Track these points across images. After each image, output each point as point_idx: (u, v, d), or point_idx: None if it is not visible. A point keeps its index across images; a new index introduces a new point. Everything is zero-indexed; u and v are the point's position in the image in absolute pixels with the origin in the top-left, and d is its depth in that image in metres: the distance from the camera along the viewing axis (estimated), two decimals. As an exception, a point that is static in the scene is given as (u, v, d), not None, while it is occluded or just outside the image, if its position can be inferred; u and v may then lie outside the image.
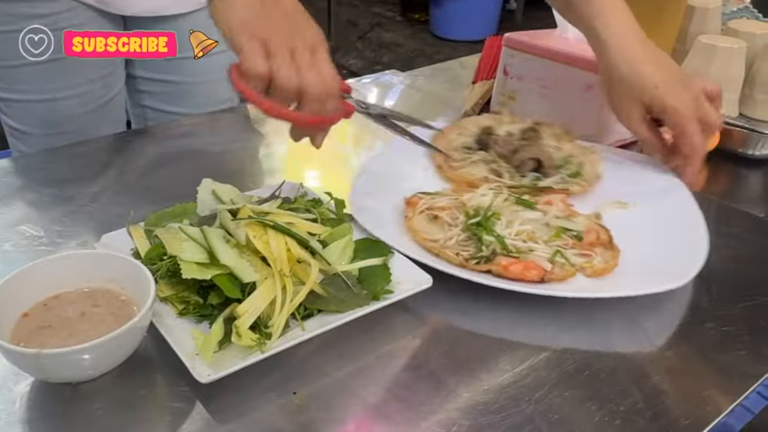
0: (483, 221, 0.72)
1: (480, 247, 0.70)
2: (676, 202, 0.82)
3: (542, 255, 0.70)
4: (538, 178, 0.85)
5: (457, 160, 0.88)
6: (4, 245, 0.74)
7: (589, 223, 0.76)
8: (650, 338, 0.64)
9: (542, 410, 0.55)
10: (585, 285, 0.69)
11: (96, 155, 0.96)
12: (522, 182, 0.84)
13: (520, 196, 0.79)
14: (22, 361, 0.53)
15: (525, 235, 0.72)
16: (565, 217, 0.77)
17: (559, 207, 0.79)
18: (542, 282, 0.68)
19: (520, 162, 0.86)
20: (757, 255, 0.78)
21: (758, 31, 1.09)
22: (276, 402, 0.55)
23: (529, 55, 1.01)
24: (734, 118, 1.02)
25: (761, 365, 0.61)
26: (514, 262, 0.68)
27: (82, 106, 1.06)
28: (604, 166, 0.89)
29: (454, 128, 0.95)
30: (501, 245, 0.70)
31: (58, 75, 1.02)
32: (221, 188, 0.73)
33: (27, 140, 1.07)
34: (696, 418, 0.55)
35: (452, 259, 0.69)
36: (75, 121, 1.06)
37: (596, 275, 0.70)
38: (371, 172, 0.84)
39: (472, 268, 0.68)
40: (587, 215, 0.78)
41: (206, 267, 0.59)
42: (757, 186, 0.97)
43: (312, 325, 0.59)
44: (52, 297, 0.60)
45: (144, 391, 0.56)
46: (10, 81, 1.02)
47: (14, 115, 1.05)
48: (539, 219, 0.75)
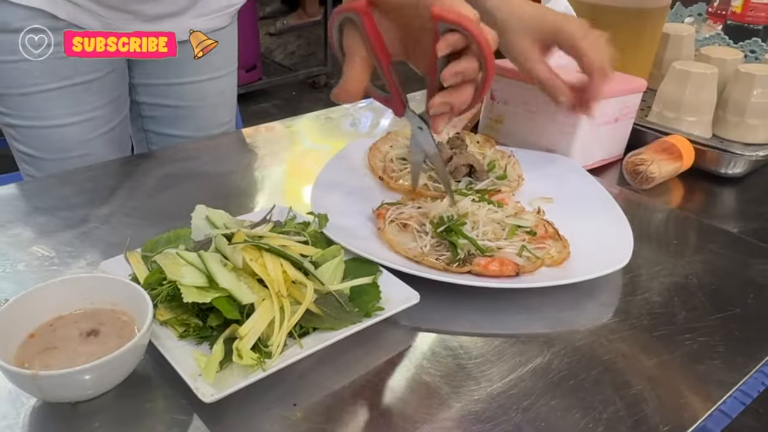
0: (453, 226, 0.75)
1: (456, 251, 0.73)
2: (590, 189, 0.90)
3: (511, 251, 0.74)
4: (471, 183, 0.90)
5: (395, 170, 0.91)
6: (18, 265, 0.74)
7: (536, 219, 0.81)
8: (631, 349, 0.65)
9: (530, 418, 0.56)
10: (552, 274, 0.73)
11: (104, 179, 0.97)
12: (458, 187, 0.88)
13: (482, 197, 0.84)
14: (21, 382, 0.53)
15: (491, 234, 0.76)
16: (514, 215, 0.81)
17: (511, 206, 0.84)
18: (517, 275, 0.71)
19: (454, 168, 0.90)
20: (730, 269, 0.80)
21: (729, 57, 1.13)
22: (278, 414, 0.56)
23: (514, 81, 1.03)
24: (708, 139, 1.04)
25: (736, 373, 0.63)
26: (490, 260, 0.72)
27: (91, 131, 1.07)
28: (522, 167, 0.95)
29: (385, 141, 0.98)
30: (475, 247, 0.73)
31: (67, 101, 1.02)
32: (214, 213, 0.73)
33: (38, 165, 1.07)
34: (675, 424, 0.56)
35: (435, 264, 0.71)
36: (84, 145, 1.07)
37: (555, 264, 0.75)
38: (325, 188, 0.86)
39: (454, 271, 0.71)
40: (532, 212, 0.84)
41: (206, 290, 0.60)
42: (730, 203, 0.98)
43: (309, 342, 0.60)
44: (57, 318, 0.60)
45: (143, 409, 0.56)
46: (21, 108, 1.02)
47: (25, 141, 1.05)
48: (495, 219, 0.79)
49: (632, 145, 1.05)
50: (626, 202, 0.95)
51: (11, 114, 1.03)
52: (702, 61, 1.14)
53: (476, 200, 0.82)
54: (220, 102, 1.25)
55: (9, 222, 0.83)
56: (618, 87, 1.00)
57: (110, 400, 0.57)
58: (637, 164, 0.98)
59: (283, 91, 4.15)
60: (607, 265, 0.73)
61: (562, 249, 0.77)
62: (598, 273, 0.72)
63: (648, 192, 0.99)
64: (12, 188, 0.92)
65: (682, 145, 1.00)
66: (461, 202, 0.81)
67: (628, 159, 1.00)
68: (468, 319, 0.69)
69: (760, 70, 1.05)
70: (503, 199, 0.86)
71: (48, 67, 0.99)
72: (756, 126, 1.06)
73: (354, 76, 0.69)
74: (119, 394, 0.57)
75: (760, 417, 1.73)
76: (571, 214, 0.83)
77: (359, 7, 0.65)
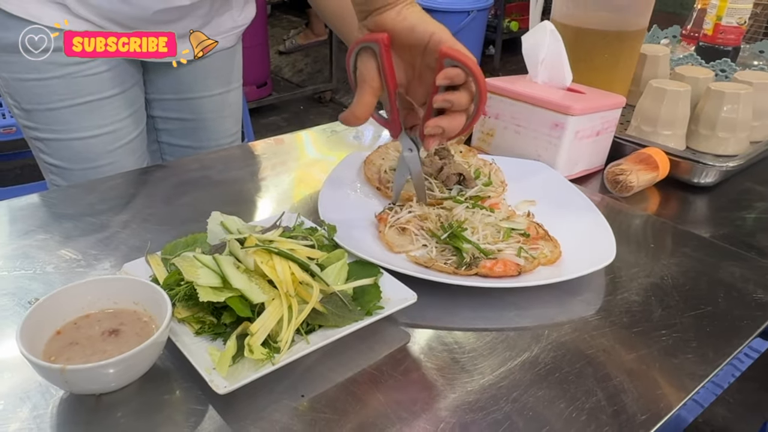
0: (456, 232, 0.76)
1: (461, 255, 0.73)
2: (569, 193, 0.91)
3: (510, 252, 0.74)
4: (462, 190, 0.90)
5: (390, 181, 0.91)
6: (47, 267, 0.74)
7: (527, 221, 0.81)
8: (611, 344, 0.66)
9: (519, 408, 0.57)
10: (548, 273, 0.73)
11: (124, 187, 0.97)
12: (451, 194, 0.88)
13: (474, 203, 0.84)
14: (49, 375, 0.54)
15: (489, 238, 0.77)
16: (507, 218, 0.81)
17: (504, 210, 0.84)
18: (519, 275, 0.72)
19: (446, 177, 0.90)
20: (703, 270, 0.80)
21: (701, 76, 1.14)
22: (287, 404, 0.56)
23: (505, 98, 1.04)
24: (682, 151, 1.05)
25: (708, 366, 0.63)
26: (495, 262, 0.72)
27: (112, 142, 1.07)
28: (507, 176, 0.95)
29: (377, 154, 0.98)
30: (479, 250, 0.74)
31: (91, 115, 1.03)
32: (228, 219, 0.74)
33: (63, 174, 1.07)
34: (652, 413, 0.57)
35: (445, 269, 0.72)
36: (106, 156, 1.07)
37: (550, 263, 0.75)
38: (330, 196, 0.86)
39: (463, 274, 0.71)
40: (523, 215, 0.84)
41: (220, 290, 0.60)
42: (702, 210, 0.98)
43: (315, 338, 0.60)
44: (83, 317, 0.60)
45: (162, 400, 0.57)
46: (48, 122, 1.02)
47: (52, 153, 1.05)
48: (491, 223, 0.79)
49: (613, 156, 1.06)
50: (607, 208, 0.95)
51: (39, 128, 1.04)
52: (676, 79, 1.15)
53: (469, 207, 0.82)
54: (228, 114, 1.26)
55: (38, 227, 0.83)
56: (600, 103, 1.00)
57: (132, 392, 0.57)
58: (617, 174, 0.99)
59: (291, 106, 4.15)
60: (596, 263, 0.74)
61: (554, 249, 0.77)
62: (590, 269, 0.73)
63: (627, 199, 0.99)
64: (40, 197, 0.93)
65: (658, 157, 1.00)
66: (456, 209, 0.81)
67: (609, 169, 1.00)
68: (462, 317, 0.69)
69: (730, 88, 1.06)
70: (496, 204, 0.87)
71: (73, 84, 0.99)
72: (726, 139, 1.06)
73: (364, 102, 0.71)
74: (140, 387, 0.57)
75: (731, 406, 1.73)
76: (557, 219, 0.83)
77: (382, 39, 0.68)
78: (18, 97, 1.01)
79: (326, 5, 0.98)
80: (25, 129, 1.05)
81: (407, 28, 0.68)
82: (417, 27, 0.68)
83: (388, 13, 0.68)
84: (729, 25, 1.37)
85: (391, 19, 0.68)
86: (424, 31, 0.68)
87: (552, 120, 0.98)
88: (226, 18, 1.11)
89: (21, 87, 1.00)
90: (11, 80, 1.00)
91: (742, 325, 0.70)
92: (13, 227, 0.84)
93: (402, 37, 0.69)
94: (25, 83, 0.99)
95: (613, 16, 1.11)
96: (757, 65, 1.49)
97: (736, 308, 0.73)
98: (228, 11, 1.10)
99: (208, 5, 1.04)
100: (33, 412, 0.55)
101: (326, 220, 0.77)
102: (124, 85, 1.05)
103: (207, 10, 1.04)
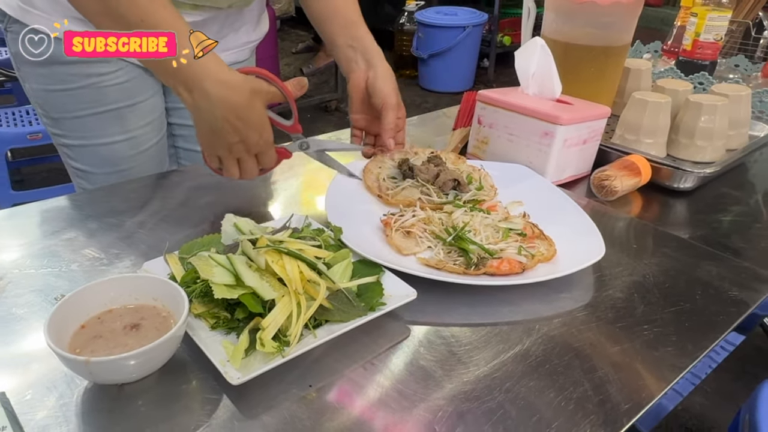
0: (461, 234, 0.76)
1: (468, 256, 0.73)
2: (553, 195, 0.91)
3: (512, 252, 0.74)
4: (457, 195, 0.90)
5: (390, 188, 0.91)
6: (72, 265, 0.75)
7: (523, 221, 0.81)
8: (597, 338, 0.66)
9: (511, 397, 0.57)
10: (546, 270, 0.73)
11: (144, 190, 0.97)
12: (448, 199, 0.88)
13: (473, 207, 0.84)
14: (75, 367, 0.54)
15: (490, 238, 0.77)
16: (504, 219, 0.81)
17: (500, 212, 0.84)
18: (523, 272, 0.72)
19: (442, 183, 0.90)
20: (682, 269, 0.80)
21: (680, 88, 1.14)
22: (296, 394, 0.56)
23: (498, 108, 1.04)
24: (663, 158, 1.04)
25: (687, 358, 0.63)
26: (501, 261, 0.72)
27: (135, 147, 1.06)
28: (497, 181, 0.96)
29: (374, 163, 0.97)
30: (485, 251, 0.74)
31: (115, 122, 1.02)
32: (241, 221, 0.74)
33: (89, 178, 1.07)
34: (635, 402, 0.57)
35: (455, 269, 0.72)
36: (128, 161, 1.06)
37: (546, 260, 0.75)
38: (338, 202, 0.86)
39: (472, 274, 0.71)
40: (518, 216, 0.84)
41: (233, 288, 0.60)
42: (682, 213, 0.99)
43: (322, 332, 0.61)
44: (106, 312, 0.60)
45: (180, 390, 0.57)
46: (74, 129, 1.02)
47: (78, 158, 1.05)
48: (490, 224, 0.79)
49: (598, 162, 1.06)
50: (593, 211, 0.95)
51: (66, 135, 1.03)
52: (658, 91, 1.15)
53: (468, 211, 0.82)
54: None
55: (64, 228, 0.83)
56: (586, 113, 1.00)
57: (151, 382, 0.57)
58: (602, 179, 0.99)
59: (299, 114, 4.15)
60: (588, 259, 0.74)
61: (549, 247, 0.77)
62: (585, 264, 0.73)
63: (612, 203, 0.99)
64: (66, 199, 0.93)
65: (640, 163, 1.00)
66: (456, 213, 0.81)
67: (594, 175, 1.01)
68: (458, 313, 0.69)
69: (707, 100, 1.06)
70: (493, 206, 0.87)
71: (97, 94, 0.99)
72: (704, 147, 1.06)
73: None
74: (159, 377, 0.58)
75: (707, 395, 1.73)
76: (547, 222, 0.83)
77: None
78: (47, 106, 1.01)
79: (313, 7, 0.98)
80: (54, 136, 1.05)
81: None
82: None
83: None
84: (706, 41, 1.38)
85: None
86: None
87: (542, 129, 0.98)
88: (242, 33, 1.11)
89: (49, 97, 1.00)
90: (40, 91, 0.99)
91: (718, 321, 0.70)
92: (41, 228, 0.84)
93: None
94: (52, 93, 0.99)
95: (599, 32, 1.11)
96: (732, 78, 1.49)
97: (712, 304, 0.73)
98: (243, 26, 1.10)
99: (219, 23, 1.03)
100: (59, 401, 0.55)
101: (332, 222, 0.77)
102: (145, 94, 1.05)
103: (219, 27, 1.04)
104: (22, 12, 0.93)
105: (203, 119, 0.75)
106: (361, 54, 0.93)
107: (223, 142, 0.77)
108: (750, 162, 1.21)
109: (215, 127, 0.75)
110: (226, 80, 0.73)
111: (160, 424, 0.53)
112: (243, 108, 0.74)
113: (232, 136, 0.76)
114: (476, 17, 4.21)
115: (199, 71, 0.72)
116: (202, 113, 0.74)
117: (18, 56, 0.98)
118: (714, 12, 1.34)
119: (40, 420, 0.53)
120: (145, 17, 0.69)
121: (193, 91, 0.73)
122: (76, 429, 0.52)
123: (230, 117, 0.74)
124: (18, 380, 0.57)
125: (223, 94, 0.73)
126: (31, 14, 0.93)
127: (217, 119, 0.74)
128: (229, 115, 0.74)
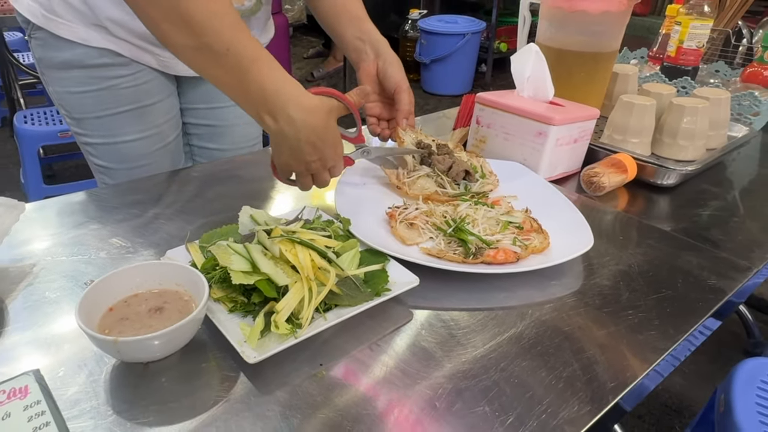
0: (460, 226, 0.76)
1: (466, 246, 0.73)
2: (546, 190, 0.91)
3: (507, 243, 0.74)
4: (467, 186, 0.90)
5: (408, 176, 0.90)
6: (100, 253, 0.75)
7: (524, 216, 0.81)
8: (585, 322, 0.66)
9: (506, 376, 0.57)
10: (539, 260, 0.74)
11: (165, 185, 0.97)
12: (460, 190, 0.88)
13: (478, 200, 0.84)
14: (104, 346, 0.54)
15: (488, 230, 0.77)
16: (507, 213, 0.81)
17: (504, 206, 0.84)
18: (518, 261, 0.72)
19: (455, 174, 0.90)
20: (664, 259, 0.80)
21: (665, 92, 1.13)
22: (307, 372, 0.57)
23: (495, 110, 1.04)
24: (648, 156, 1.04)
25: (668, 341, 0.63)
26: (498, 251, 0.72)
27: (153, 145, 1.06)
28: (489, 165, 0.95)
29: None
30: (482, 242, 0.74)
31: (134, 121, 1.02)
32: (257, 213, 0.74)
33: (111, 174, 1.07)
34: (620, 381, 0.57)
35: (455, 258, 0.72)
36: (147, 157, 1.06)
37: (539, 252, 0.75)
38: (346, 195, 0.86)
39: (470, 263, 0.71)
40: (521, 210, 0.83)
41: (250, 274, 0.61)
42: (665, 207, 0.98)
43: (331, 316, 0.61)
44: (132, 296, 0.60)
45: (200, 368, 0.57)
46: (96, 129, 1.02)
47: (100, 155, 1.05)
48: (491, 216, 0.79)
49: (588, 160, 1.06)
50: (583, 205, 0.95)
51: (88, 134, 1.03)
52: (643, 94, 1.14)
53: (472, 205, 0.82)
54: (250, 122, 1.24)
55: (91, 219, 0.84)
56: (577, 114, 1.00)
57: (174, 360, 0.58)
58: (591, 176, 0.99)
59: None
60: (578, 249, 0.74)
61: (543, 240, 0.77)
62: (575, 254, 0.74)
63: (600, 198, 0.99)
64: (91, 193, 0.93)
65: (627, 161, 1.00)
66: (461, 206, 0.82)
67: (584, 172, 1.00)
68: (458, 298, 0.69)
69: (689, 103, 1.05)
70: (497, 201, 0.87)
71: (117, 95, 0.99)
72: (686, 146, 1.06)
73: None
74: (181, 356, 0.58)
75: (686, 375, 1.74)
76: (540, 215, 0.83)
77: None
78: (69, 107, 1.01)
79: (321, 8, 0.98)
80: (77, 135, 1.05)
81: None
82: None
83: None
84: (689, 48, 1.37)
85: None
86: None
87: (536, 129, 0.98)
88: None
89: (71, 99, 0.99)
90: (63, 93, 0.99)
91: (697, 307, 0.70)
92: (70, 219, 0.84)
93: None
94: (74, 95, 0.99)
95: (590, 39, 1.11)
96: (713, 83, 1.48)
97: (692, 292, 0.73)
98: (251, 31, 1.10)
99: None
100: (89, 378, 0.55)
101: (342, 214, 0.77)
102: (161, 95, 1.05)
103: None
104: (46, 20, 0.93)
105: (286, 143, 0.72)
106: (369, 45, 0.92)
107: (301, 161, 0.74)
108: (728, 160, 1.21)
109: (296, 148, 0.72)
110: (307, 105, 0.70)
111: (183, 399, 0.53)
112: (322, 129, 0.72)
113: (311, 156, 0.73)
114: (475, 25, 4.19)
115: (284, 98, 0.69)
116: (287, 139, 0.71)
117: (41, 61, 0.98)
118: (697, 21, 1.33)
119: (71, 395, 0.53)
120: (230, 46, 0.67)
121: (279, 118, 0.69)
122: (105, 403, 0.53)
123: (312, 139, 0.71)
124: (51, 359, 0.57)
125: (306, 119, 0.70)
126: (54, 22, 0.93)
127: (300, 142, 0.71)
128: (312, 137, 0.71)
